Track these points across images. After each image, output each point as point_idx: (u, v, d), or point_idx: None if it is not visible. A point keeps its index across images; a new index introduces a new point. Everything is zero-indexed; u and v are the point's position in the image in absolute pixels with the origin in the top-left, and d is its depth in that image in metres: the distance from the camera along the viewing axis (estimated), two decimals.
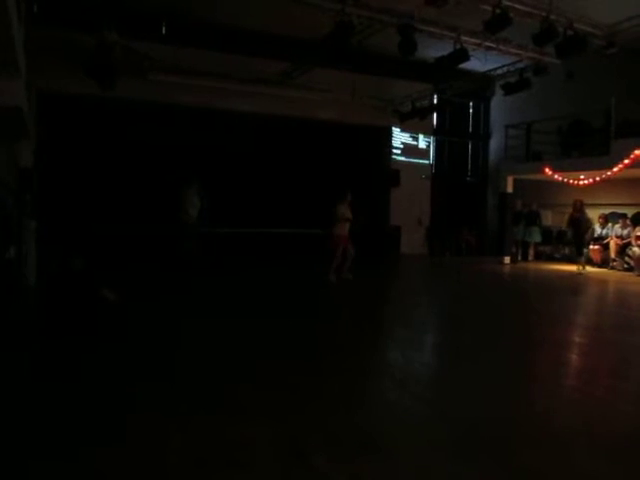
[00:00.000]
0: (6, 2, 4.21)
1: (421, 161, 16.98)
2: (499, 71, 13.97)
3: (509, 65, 13.32)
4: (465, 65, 11.21)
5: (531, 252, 15.69)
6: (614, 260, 13.53)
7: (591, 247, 14.25)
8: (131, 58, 10.38)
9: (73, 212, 11.25)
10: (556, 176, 13.83)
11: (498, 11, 9.07)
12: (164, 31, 11.79)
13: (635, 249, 12.74)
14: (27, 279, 8.49)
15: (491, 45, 11.21)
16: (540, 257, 15.72)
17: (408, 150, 16.71)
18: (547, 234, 15.64)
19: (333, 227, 10.16)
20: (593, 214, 14.40)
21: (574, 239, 13.55)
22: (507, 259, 14.92)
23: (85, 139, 12.27)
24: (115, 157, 12.63)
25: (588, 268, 13.71)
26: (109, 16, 8.87)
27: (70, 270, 7.09)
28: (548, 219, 15.87)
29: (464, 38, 10.60)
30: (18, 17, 5.33)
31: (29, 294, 8.08)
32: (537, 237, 15.37)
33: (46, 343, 5.60)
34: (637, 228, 13.00)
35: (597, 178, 13.21)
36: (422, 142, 17.00)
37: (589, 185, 13.65)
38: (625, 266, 13.20)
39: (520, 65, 12.82)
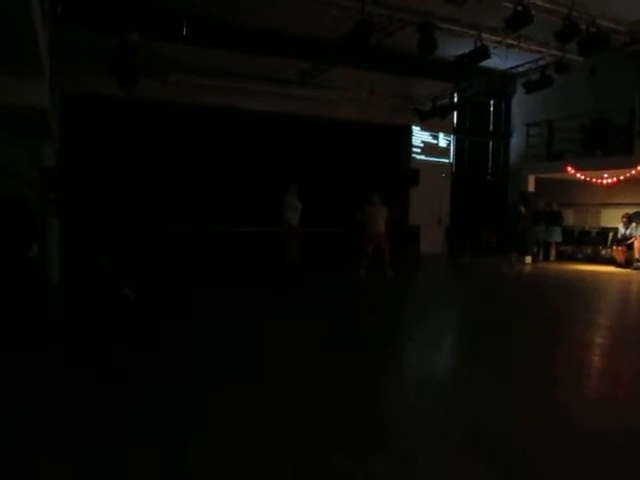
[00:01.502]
0: (30, 4, 4.29)
1: (441, 160, 16.88)
2: (520, 69, 13.82)
3: (530, 63, 13.16)
4: (486, 63, 11.12)
5: (553, 252, 15.51)
6: (638, 260, 13.31)
7: (615, 247, 14.05)
8: (152, 59, 10.48)
9: (96, 211, 11.40)
10: (578, 175, 13.65)
11: (519, 8, 8.97)
12: (185, 32, 11.86)
13: None
14: (50, 277, 8.65)
15: (512, 42, 11.08)
16: (562, 257, 15.52)
17: (428, 149, 16.62)
18: (569, 234, 15.46)
19: (362, 227, 10.73)
20: (617, 214, 14.20)
21: (512, 233, 13.59)
22: (528, 259, 14.77)
23: (107, 139, 12.42)
24: (136, 157, 12.78)
25: (612, 269, 13.51)
26: (131, 17, 8.96)
27: (95, 268, 7.18)
28: (570, 219, 15.69)
29: (485, 36, 10.50)
30: (42, 19, 5.42)
31: (51, 291, 8.23)
32: (558, 237, 15.18)
33: (64, 342, 5.67)
34: None
35: (621, 177, 13.00)
36: (442, 141, 16.90)
37: (612, 184, 13.45)
38: None
39: (542, 62, 12.66)
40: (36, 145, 9.22)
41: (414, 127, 16.25)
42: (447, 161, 17.06)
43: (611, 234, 14.54)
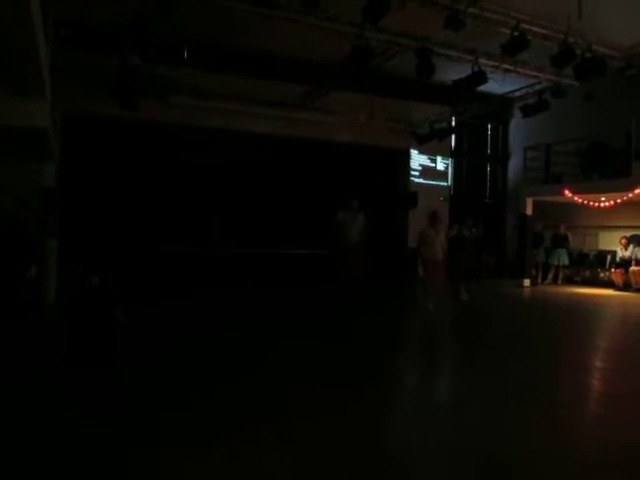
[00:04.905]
0: (33, 26, 4.34)
1: (439, 183, 16.94)
2: (517, 93, 13.98)
3: (527, 87, 13.32)
4: (483, 87, 11.23)
5: (551, 275, 15.42)
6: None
7: (613, 270, 14.04)
8: (154, 81, 10.58)
9: (94, 232, 11.39)
10: (576, 198, 13.70)
11: (516, 34, 9.11)
12: (186, 55, 12.00)
13: None
14: (47, 298, 8.60)
15: (509, 67, 11.23)
16: (557, 279, 15.42)
17: (426, 172, 16.70)
18: (567, 256, 15.43)
19: (419, 250, 9.63)
20: (614, 237, 14.22)
21: (452, 262, 10.46)
22: (527, 282, 14.75)
23: (108, 160, 12.44)
24: (136, 178, 12.80)
25: (610, 291, 13.48)
26: (132, 40, 9.06)
27: (87, 288, 7.09)
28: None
29: (482, 61, 10.65)
30: (45, 41, 5.48)
31: (48, 312, 8.17)
32: (564, 259, 15.10)
33: (56, 369, 5.54)
34: None
35: (618, 200, 13.06)
36: (440, 164, 16.99)
37: (610, 207, 13.50)
38: None
39: (538, 87, 12.81)
40: (36, 166, 9.25)
41: (412, 150, 16.33)
42: (445, 184, 17.12)
43: (609, 257, 14.55)
